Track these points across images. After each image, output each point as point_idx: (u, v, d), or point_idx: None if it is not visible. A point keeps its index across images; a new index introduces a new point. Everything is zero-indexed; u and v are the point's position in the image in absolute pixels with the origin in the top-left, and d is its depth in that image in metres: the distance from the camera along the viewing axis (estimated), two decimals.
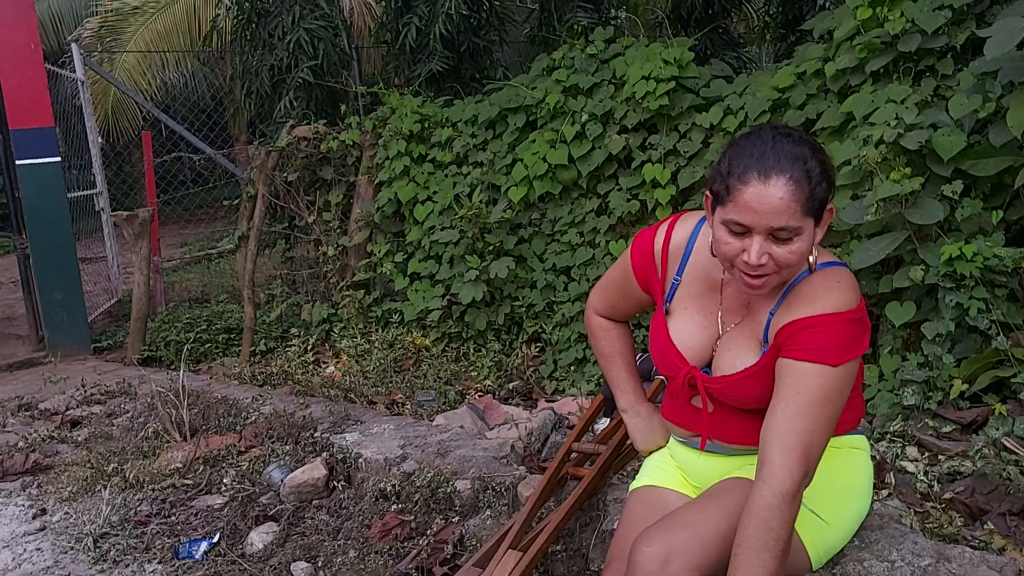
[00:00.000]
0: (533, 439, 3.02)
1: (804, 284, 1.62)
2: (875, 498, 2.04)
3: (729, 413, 1.77)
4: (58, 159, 5.61)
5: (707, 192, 1.64)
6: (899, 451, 2.53)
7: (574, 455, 2.51)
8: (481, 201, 4.47)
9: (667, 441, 2.02)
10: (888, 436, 2.64)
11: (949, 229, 2.96)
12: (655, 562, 1.56)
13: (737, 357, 1.71)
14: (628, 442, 2.48)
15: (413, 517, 2.64)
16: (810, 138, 1.60)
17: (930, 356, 2.84)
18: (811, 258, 1.59)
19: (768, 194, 1.50)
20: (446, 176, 4.85)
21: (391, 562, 2.50)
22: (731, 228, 1.55)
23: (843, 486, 1.76)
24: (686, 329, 1.79)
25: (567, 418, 3.39)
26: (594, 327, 2.11)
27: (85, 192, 6.66)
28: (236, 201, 5.98)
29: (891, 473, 2.37)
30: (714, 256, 1.65)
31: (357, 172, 5.31)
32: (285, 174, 5.48)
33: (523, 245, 4.50)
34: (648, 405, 2.09)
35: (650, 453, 2.05)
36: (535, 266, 4.44)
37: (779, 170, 1.50)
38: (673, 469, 1.96)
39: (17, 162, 5.50)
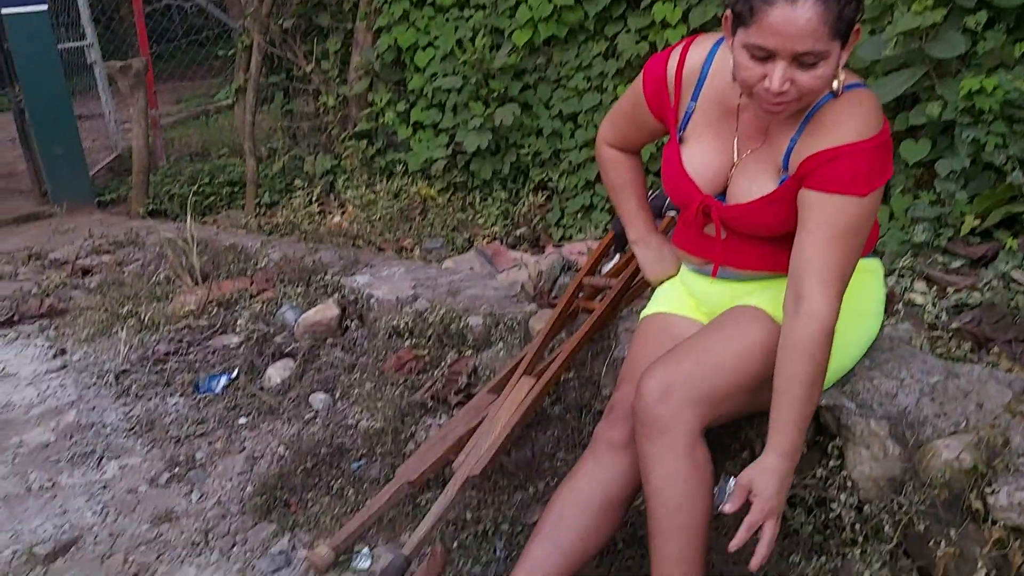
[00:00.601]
0: (543, 279, 3.05)
1: (827, 110, 1.57)
2: (886, 323, 2.07)
3: (741, 240, 1.77)
4: (45, 7, 5.41)
5: (727, 12, 1.56)
6: (908, 285, 2.56)
7: (585, 290, 2.54)
8: (484, 46, 4.34)
9: (678, 271, 2.02)
10: (897, 272, 2.66)
11: (969, 64, 2.88)
12: (657, 391, 1.58)
13: (753, 184, 1.68)
14: (639, 276, 2.50)
15: (427, 352, 2.70)
16: None
17: (943, 193, 2.83)
18: (835, 82, 1.54)
19: (795, 16, 1.41)
20: (447, 20, 4.68)
21: (407, 393, 2.57)
22: (753, 52, 1.48)
23: (855, 311, 1.78)
24: (700, 157, 1.75)
25: (575, 261, 3.41)
26: (604, 159, 2.08)
27: (75, 44, 6.45)
28: (231, 52, 5.81)
29: (900, 305, 2.40)
30: (733, 80, 1.60)
31: (355, 18, 5.13)
32: (280, 21, 5.30)
33: (528, 91, 4.41)
34: (659, 236, 2.09)
35: (660, 283, 2.06)
36: (541, 113, 4.36)
37: None
38: (684, 296, 1.97)
39: (3, 11, 5.31)
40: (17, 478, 2.45)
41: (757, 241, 1.75)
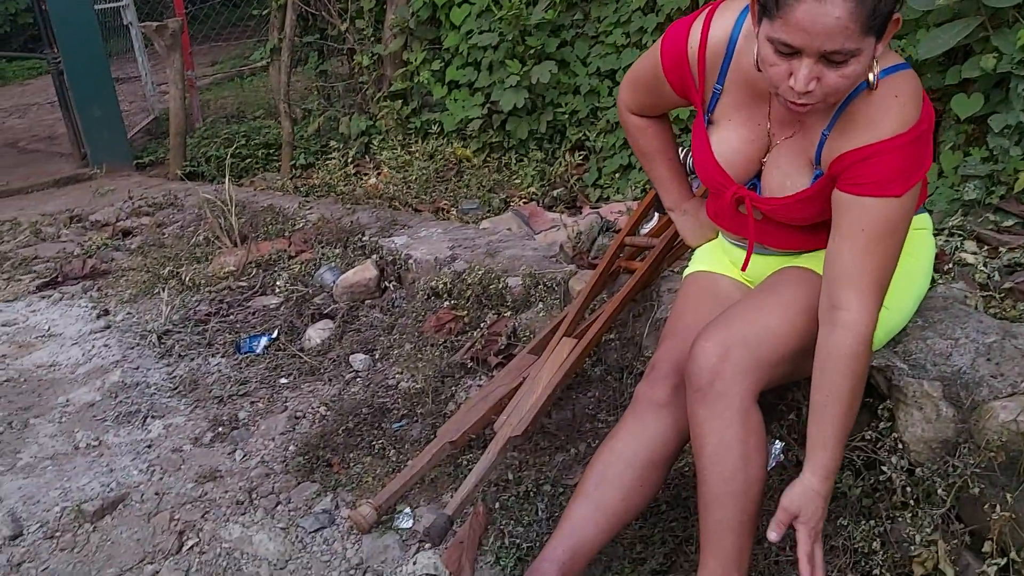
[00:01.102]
0: (582, 239, 3.02)
1: (861, 102, 1.45)
2: (940, 282, 2.02)
3: (777, 224, 1.71)
4: None
5: None
6: (958, 245, 2.49)
7: (626, 250, 2.50)
8: (521, 1, 4.26)
9: (717, 235, 1.97)
10: (947, 231, 2.59)
11: None
12: (714, 355, 1.53)
13: (787, 179, 1.60)
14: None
15: (466, 313, 2.69)
16: None
17: (995, 150, 2.74)
18: (871, 75, 1.41)
19: (823, 12, 1.29)
20: None
21: (446, 353, 2.56)
22: (778, 48, 1.37)
23: (906, 271, 1.72)
24: (731, 144, 1.65)
25: (614, 222, 3.37)
26: (629, 125, 1.98)
27: (111, 4, 6.47)
28: (266, 11, 5.78)
29: (951, 264, 2.33)
30: (759, 70, 1.48)
31: None
32: None
33: (565, 48, 4.33)
34: (695, 201, 2.01)
35: (701, 245, 2.02)
36: (578, 70, 4.28)
37: None
38: (726, 259, 1.93)
39: None
40: (64, 437, 2.49)
41: (793, 227, 1.69)
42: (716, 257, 1.95)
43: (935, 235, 2.55)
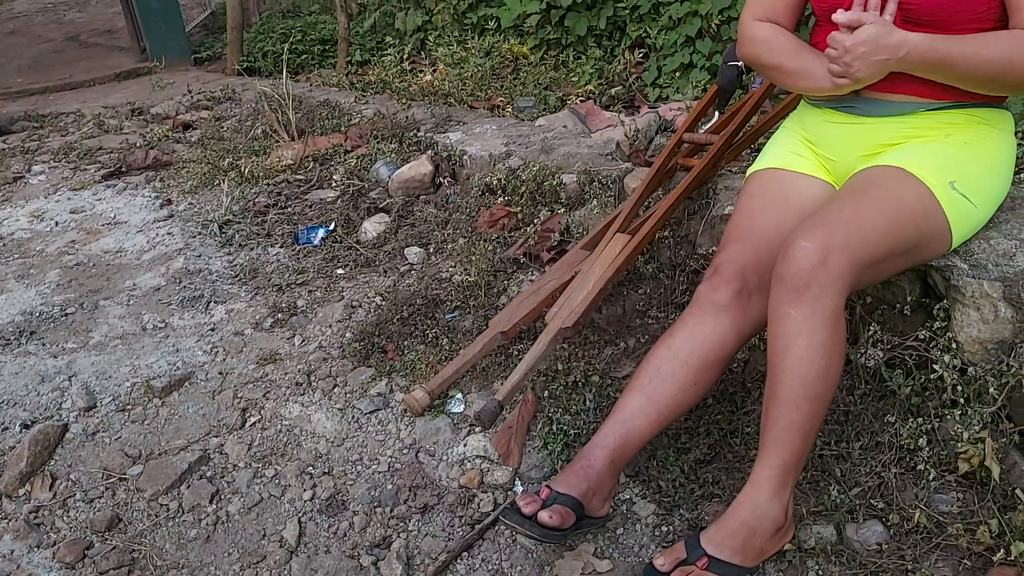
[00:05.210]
0: (639, 137, 2.98)
1: None
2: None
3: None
4: None
5: None
6: None
7: (684, 146, 2.47)
8: None
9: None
10: (1019, 133, 2.49)
11: None
12: (814, 257, 1.46)
13: None
14: (741, 133, 2.41)
15: (519, 209, 2.69)
16: None
17: None
18: None
19: None
20: None
21: (499, 249, 2.59)
22: None
23: (991, 166, 1.66)
24: None
25: (672, 121, 3.31)
26: (758, 39, 1.78)
27: None
28: None
29: (1020, 167, 2.26)
30: None
31: None
32: None
33: None
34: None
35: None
36: None
37: None
38: (804, 149, 1.84)
39: None
40: (132, 318, 2.60)
41: None
42: (790, 151, 1.85)
43: None
